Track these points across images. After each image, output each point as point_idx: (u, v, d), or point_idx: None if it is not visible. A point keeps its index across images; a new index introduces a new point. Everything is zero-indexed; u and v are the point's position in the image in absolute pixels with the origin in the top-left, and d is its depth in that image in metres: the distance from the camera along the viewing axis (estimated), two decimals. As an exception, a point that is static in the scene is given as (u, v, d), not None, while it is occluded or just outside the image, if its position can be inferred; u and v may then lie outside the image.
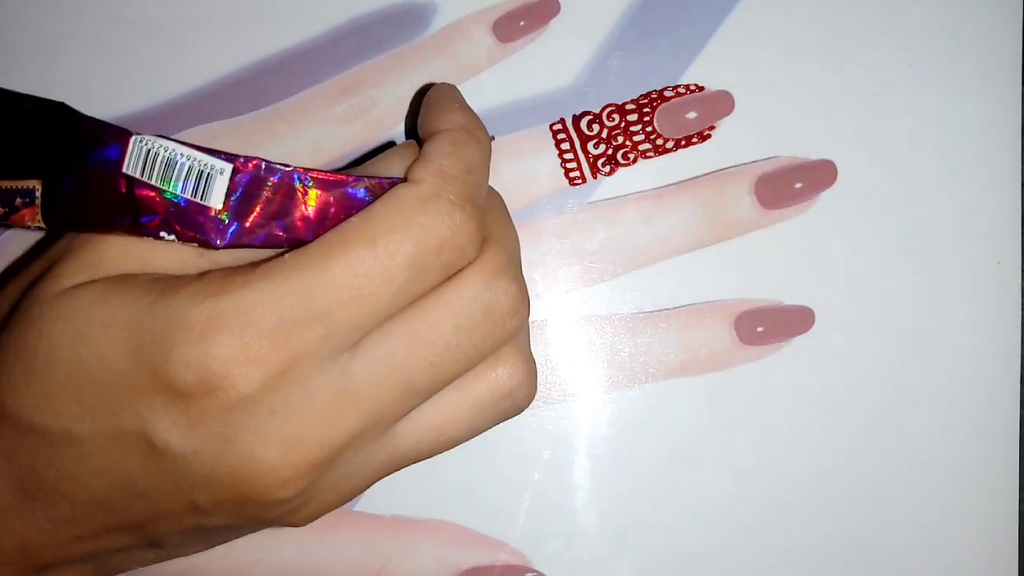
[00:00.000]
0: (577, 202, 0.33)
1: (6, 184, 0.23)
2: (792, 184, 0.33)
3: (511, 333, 0.24)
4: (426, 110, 0.26)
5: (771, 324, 0.33)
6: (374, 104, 0.33)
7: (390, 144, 0.33)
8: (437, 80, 0.33)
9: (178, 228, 0.23)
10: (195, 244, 0.23)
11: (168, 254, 0.24)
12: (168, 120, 0.33)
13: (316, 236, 0.23)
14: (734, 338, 0.33)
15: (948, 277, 0.33)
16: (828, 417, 0.33)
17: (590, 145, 0.33)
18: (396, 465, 0.25)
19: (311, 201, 0.23)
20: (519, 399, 0.25)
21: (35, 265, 0.25)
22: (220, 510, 0.23)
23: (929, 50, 0.33)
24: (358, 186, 0.23)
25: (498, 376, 0.25)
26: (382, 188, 0.23)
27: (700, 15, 0.33)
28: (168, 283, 0.23)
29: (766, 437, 0.33)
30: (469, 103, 0.33)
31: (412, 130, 0.32)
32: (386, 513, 0.33)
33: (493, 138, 0.30)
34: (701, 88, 0.33)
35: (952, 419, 0.33)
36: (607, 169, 0.33)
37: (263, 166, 0.23)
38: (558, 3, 0.33)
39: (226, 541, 0.27)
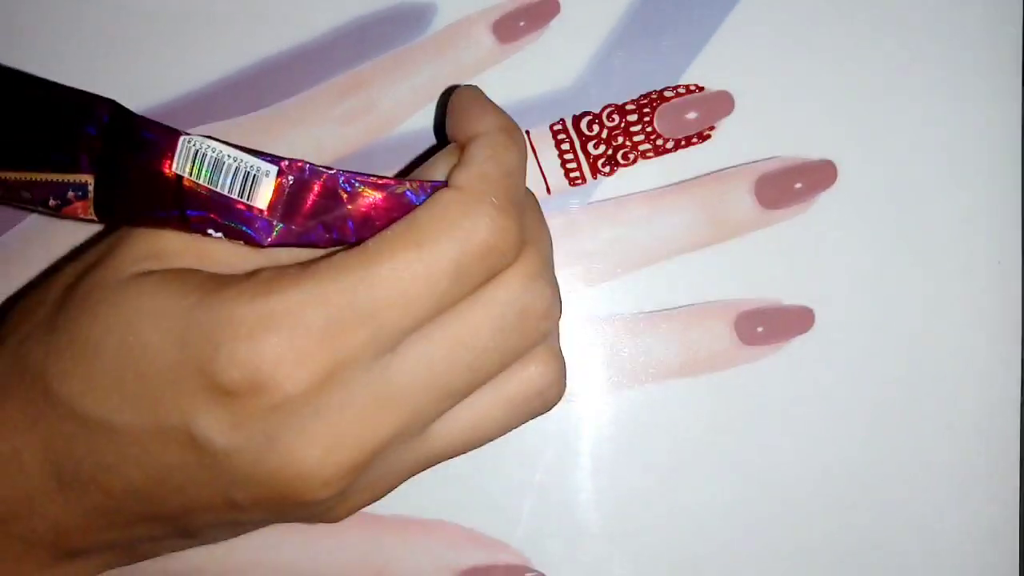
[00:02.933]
0: (577, 202, 0.33)
1: (59, 177, 0.24)
2: (792, 184, 0.33)
3: (544, 334, 0.25)
4: (458, 113, 0.26)
5: (771, 324, 0.33)
6: (374, 104, 0.33)
7: (392, 143, 0.33)
8: (438, 80, 0.33)
9: (224, 226, 0.24)
10: (241, 242, 0.24)
11: (225, 249, 0.24)
12: (170, 120, 0.32)
13: (360, 238, 0.24)
14: (734, 338, 0.33)
15: (948, 277, 0.33)
16: (828, 417, 0.33)
17: (590, 145, 0.33)
18: (430, 463, 0.25)
19: (355, 203, 0.24)
20: (550, 397, 0.26)
21: (93, 251, 0.25)
22: (257, 507, 0.23)
23: (929, 50, 0.33)
24: (401, 189, 0.24)
25: (530, 375, 0.25)
26: (425, 192, 0.24)
27: (700, 15, 0.33)
28: (220, 280, 0.23)
29: (766, 437, 0.33)
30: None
31: (440, 131, 0.32)
32: (387, 513, 0.33)
33: (528, 131, 0.30)
34: (701, 88, 0.33)
35: (952, 419, 0.33)
36: (607, 169, 0.33)
37: (307, 168, 0.24)
38: (558, 3, 0.33)
39: (256, 529, 0.27)
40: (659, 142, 0.33)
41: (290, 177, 0.24)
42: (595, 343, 0.33)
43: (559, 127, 0.33)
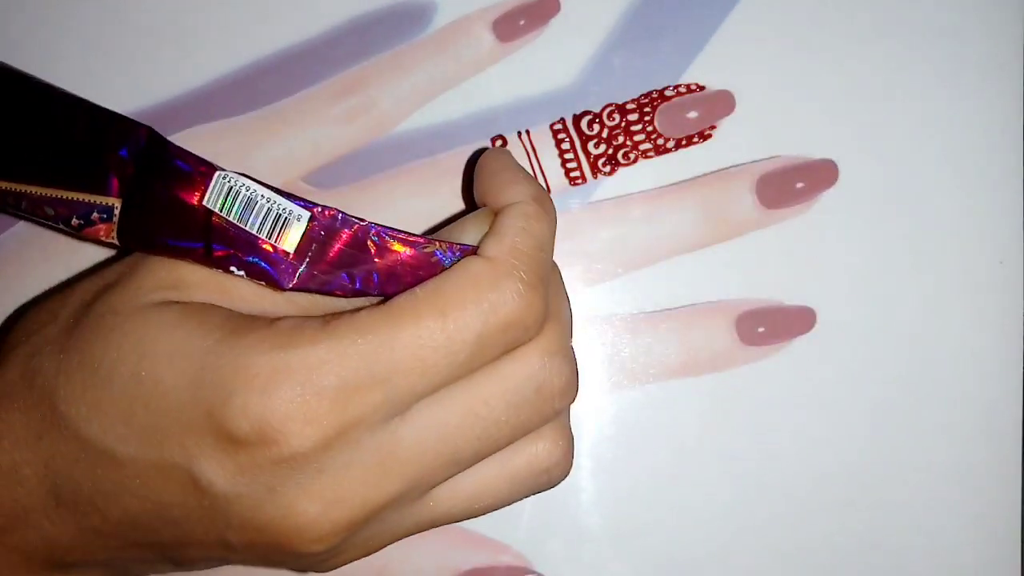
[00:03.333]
0: (577, 202, 0.33)
1: (86, 197, 0.24)
2: (793, 184, 0.33)
3: (558, 412, 0.25)
4: (489, 179, 0.26)
5: (772, 324, 0.33)
6: (374, 104, 0.32)
7: (392, 142, 0.32)
8: (438, 79, 0.32)
9: (248, 264, 0.24)
10: (262, 283, 0.24)
11: (245, 286, 0.24)
12: (168, 119, 0.32)
13: (383, 292, 0.24)
14: (735, 338, 0.33)
15: (950, 277, 0.33)
16: (829, 417, 0.33)
17: (591, 145, 0.33)
18: (426, 526, 0.25)
19: (383, 257, 0.24)
20: (555, 475, 0.26)
21: (112, 270, 0.25)
22: (249, 550, 0.24)
23: (931, 49, 0.33)
24: (430, 248, 0.24)
25: (537, 451, 0.25)
26: (454, 254, 0.24)
27: (701, 14, 0.33)
28: (240, 323, 0.23)
29: (767, 437, 0.33)
30: (469, 103, 0.33)
31: (467, 192, 0.32)
32: (387, 514, 0.33)
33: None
34: (702, 87, 0.33)
35: (954, 420, 0.33)
36: (608, 169, 0.33)
37: (339, 217, 0.24)
38: (558, 2, 0.33)
39: (247, 566, 0.27)
40: (660, 141, 0.33)
41: (322, 223, 0.24)
42: (595, 343, 0.33)
43: (559, 126, 0.33)
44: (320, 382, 0.22)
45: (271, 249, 0.24)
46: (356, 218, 0.24)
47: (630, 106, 0.33)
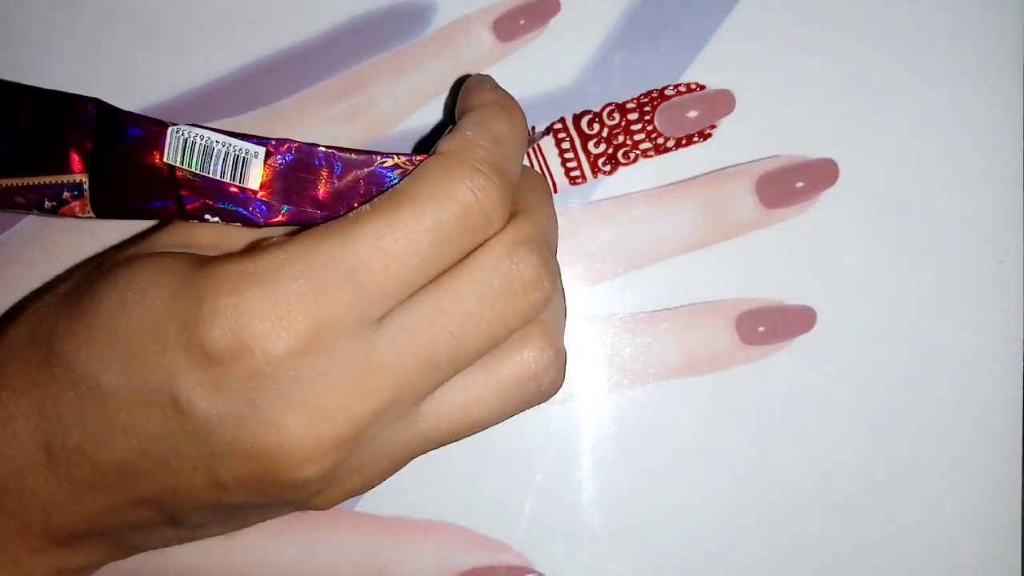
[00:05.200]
0: (577, 202, 0.33)
1: (52, 179, 0.25)
2: (793, 183, 0.33)
3: (535, 307, 0.24)
4: (460, 96, 0.26)
5: (772, 324, 0.33)
6: (374, 104, 0.32)
7: (392, 142, 0.33)
8: (438, 79, 0.32)
9: (220, 210, 0.25)
10: (238, 224, 0.25)
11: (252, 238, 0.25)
12: (168, 119, 0.32)
13: (349, 211, 0.24)
14: (735, 338, 0.33)
15: (950, 276, 0.33)
16: (830, 417, 0.33)
17: (591, 144, 0.33)
18: (421, 447, 0.25)
19: (341, 178, 0.24)
20: (544, 384, 0.25)
21: (132, 243, 0.26)
22: (241, 486, 0.23)
23: (931, 49, 0.33)
24: (386, 163, 0.24)
25: (523, 359, 0.25)
26: (411, 164, 0.24)
27: (701, 14, 0.33)
28: (224, 254, 0.24)
29: (768, 437, 0.33)
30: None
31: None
32: (387, 514, 0.33)
33: (544, 130, 0.30)
34: (702, 87, 0.33)
35: (954, 419, 0.33)
36: (608, 168, 0.33)
37: (294, 147, 0.24)
38: (558, 2, 0.33)
39: (250, 525, 0.27)
40: (660, 141, 0.33)
41: (279, 156, 0.24)
42: (595, 343, 0.33)
43: (559, 126, 0.33)
44: (288, 283, 0.22)
45: (238, 190, 0.24)
46: (310, 144, 0.24)
47: (630, 105, 0.33)
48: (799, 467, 0.33)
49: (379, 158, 0.24)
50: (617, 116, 0.33)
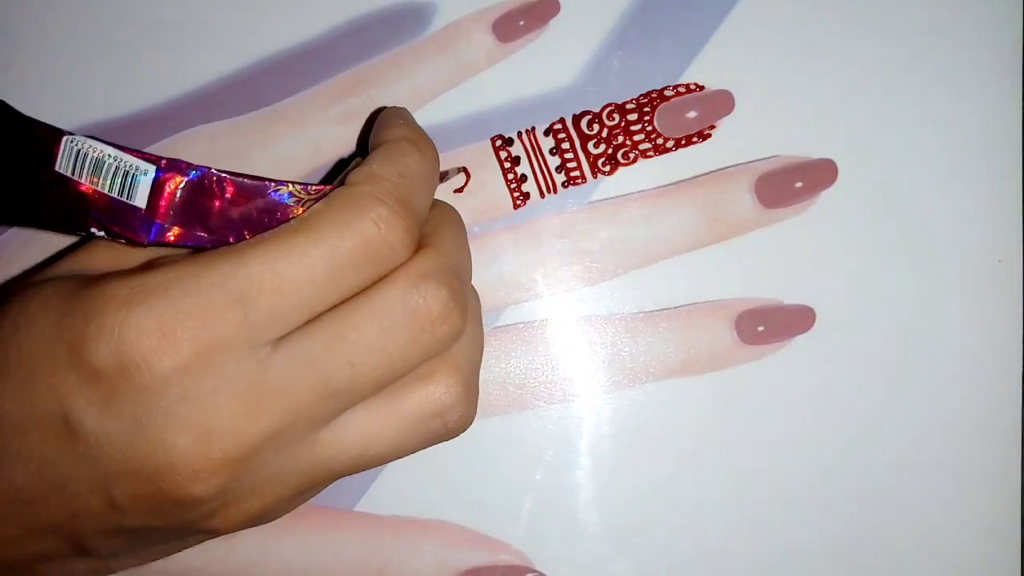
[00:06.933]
0: (577, 202, 0.33)
1: None
2: (792, 183, 0.33)
3: (442, 341, 0.24)
4: (373, 130, 0.26)
5: (772, 323, 0.33)
6: (374, 104, 0.32)
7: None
8: (438, 80, 0.32)
9: (107, 225, 0.24)
10: (123, 241, 0.24)
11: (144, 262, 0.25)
12: (168, 120, 0.33)
13: (239, 238, 0.24)
14: (735, 338, 0.33)
15: (949, 276, 0.33)
16: (829, 416, 0.33)
17: (590, 144, 0.33)
18: (320, 476, 0.24)
19: (233, 203, 0.24)
20: (451, 420, 0.25)
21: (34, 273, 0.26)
22: (136, 507, 0.23)
23: (929, 49, 0.33)
24: (281, 190, 0.24)
25: (429, 393, 0.24)
26: (307, 193, 0.24)
27: (700, 14, 0.33)
28: (114, 272, 0.23)
29: (767, 436, 0.33)
30: (469, 103, 0.33)
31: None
32: (387, 513, 0.33)
33: (457, 168, 0.30)
34: (701, 87, 0.33)
35: (953, 418, 0.33)
36: (607, 169, 0.33)
37: (184, 167, 0.24)
38: (558, 3, 0.33)
39: (162, 556, 0.26)
40: (659, 141, 0.33)
41: (169, 176, 0.24)
42: (595, 343, 0.33)
43: (559, 126, 0.33)
44: (177, 301, 0.22)
45: (125, 206, 0.24)
46: (202, 166, 0.24)
47: (630, 106, 0.33)
48: (799, 466, 0.33)
49: (273, 184, 0.24)
50: (617, 117, 0.33)
